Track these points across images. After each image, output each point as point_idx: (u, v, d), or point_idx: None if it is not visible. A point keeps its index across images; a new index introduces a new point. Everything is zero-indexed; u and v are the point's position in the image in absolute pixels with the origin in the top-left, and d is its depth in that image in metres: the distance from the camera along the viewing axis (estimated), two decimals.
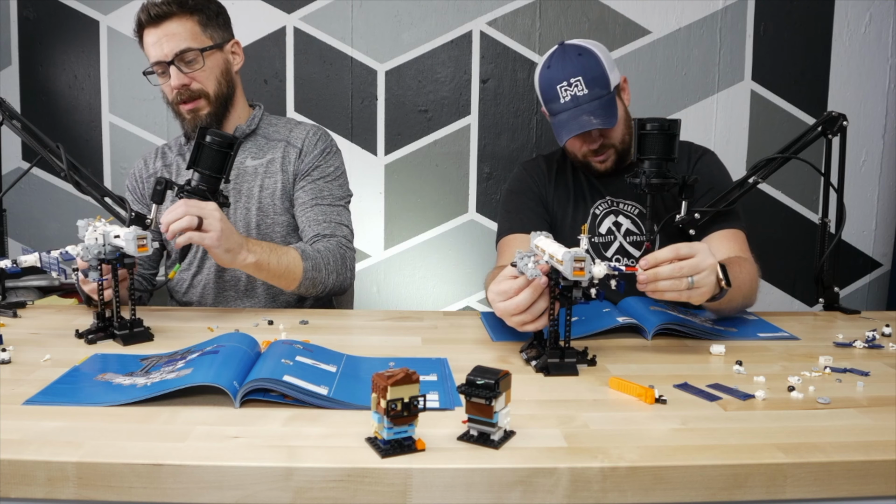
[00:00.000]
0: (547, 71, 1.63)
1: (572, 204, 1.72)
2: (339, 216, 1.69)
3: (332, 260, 1.59)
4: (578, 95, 1.58)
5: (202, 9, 1.62)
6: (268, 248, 1.49)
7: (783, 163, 1.55)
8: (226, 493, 0.78)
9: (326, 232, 1.64)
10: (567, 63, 1.60)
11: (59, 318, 1.44)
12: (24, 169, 1.54)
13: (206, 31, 1.62)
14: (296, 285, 1.55)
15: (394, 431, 0.80)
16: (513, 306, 1.13)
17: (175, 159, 1.74)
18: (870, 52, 2.56)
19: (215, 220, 1.35)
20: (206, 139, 1.44)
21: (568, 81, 1.58)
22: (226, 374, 0.98)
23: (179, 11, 1.58)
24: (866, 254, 2.68)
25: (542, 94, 1.64)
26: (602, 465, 0.79)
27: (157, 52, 1.58)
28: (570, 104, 1.58)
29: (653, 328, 1.31)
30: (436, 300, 2.64)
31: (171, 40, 1.57)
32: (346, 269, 1.64)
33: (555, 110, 1.61)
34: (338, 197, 1.71)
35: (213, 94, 1.63)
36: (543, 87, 1.63)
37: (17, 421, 0.88)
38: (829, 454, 0.83)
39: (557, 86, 1.59)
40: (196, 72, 1.60)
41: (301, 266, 1.53)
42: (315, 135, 1.73)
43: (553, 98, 1.60)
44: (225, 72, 1.66)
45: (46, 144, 1.47)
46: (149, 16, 1.57)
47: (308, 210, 1.67)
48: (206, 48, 1.61)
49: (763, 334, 1.36)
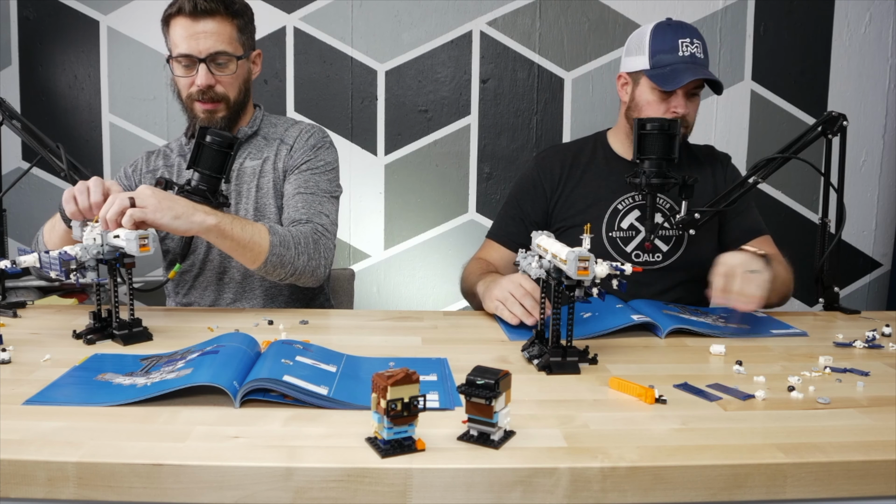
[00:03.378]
0: (667, 26, 1.64)
1: (589, 199, 1.71)
2: (320, 205, 1.64)
3: (303, 241, 1.53)
4: (697, 56, 1.62)
5: (242, 14, 1.62)
6: (231, 216, 1.43)
7: (783, 163, 1.55)
8: (226, 493, 0.78)
9: (303, 218, 1.60)
10: (690, 28, 1.64)
11: (59, 318, 1.44)
12: (24, 169, 1.54)
13: (241, 38, 1.62)
14: (262, 260, 1.47)
15: (394, 431, 0.80)
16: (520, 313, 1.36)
17: (176, 160, 1.74)
18: (870, 52, 2.56)
19: (146, 195, 1.30)
20: (207, 139, 1.44)
21: (691, 40, 1.61)
22: (226, 374, 0.98)
23: (224, 12, 1.57)
24: (866, 254, 2.68)
25: (652, 45, 1.63)
26: (602, 465, 0.79)
27: (190, 45, 1.56)
28: (688, 59, 1.60)
29: (668, 328, 1.32)
30: (436, 300, 2.64)
31: (208, 38, 1.56)
32: (318, 254, 1.56)
33: (668, 62, 1.61)
34: (324, 189, 1.67)
35: (233, 100, 1.63)
36: (659, 37, 1.63)
37: (17, 421, 0.88)
38: (829, 454, 0.83)
39: (680, 40, 1.61)
40: (225, 76, 1.60)
41: (268, 240, 1.46)
42: (308, 132, 1.72)
43: (671, 49, 1.61)
44: (246, 80, 1.67)
45: (46, 144, 1.47)
46: (194, 7, 1.54)
47: (291, 200, 1.64)
48: (240, 56, 1.61)
49: (776, 331, 1.39)
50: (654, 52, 1.62)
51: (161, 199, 1.31)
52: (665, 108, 1.63)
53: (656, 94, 1.62)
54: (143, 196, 1.30)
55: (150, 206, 1.29)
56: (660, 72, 1.61)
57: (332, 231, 1.64)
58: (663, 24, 1.65)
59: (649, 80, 1.62)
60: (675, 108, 1.62)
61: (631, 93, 1.69)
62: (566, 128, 2.57)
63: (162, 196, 1.32)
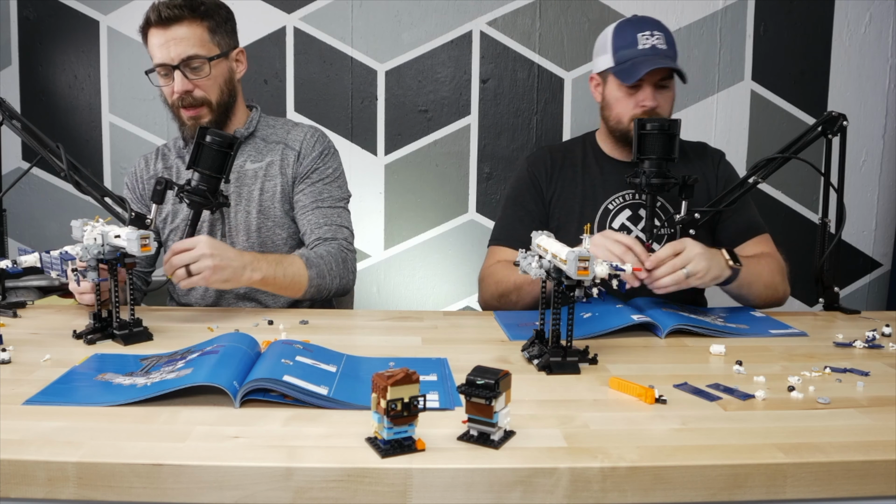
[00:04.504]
0: (627, 23, 1.65)
1: (580, 199, 1.71)
2: (339, 218, 1.69)
3: (334, 265, 1.60)
4: (658, 47, 1.61)
5: (212, 15, 1.61)
6: (273, 262, 1.50)
7: (783, 163, 1.55)
8: (226, 493, 0.78)
9: (328, 235, 1.65)
10: (650, 21, 1.65)
11: (59, 318, 1.44)
12: (24, 169, 1.54)
13: (214, 39, 1.61)
14: (301, 293, 1.56)
15: (394, 431, 0.80)
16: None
17: (175, 161, 1.74)
18: (870, 52, 2.56)
19: (203, 264, 1.38)
20: (206, 139, 1.44)
21: (651, 32, 1.62)
22: (226, 374, 0.98)
23: (190, 16, 1.57)
24: (866, 254, 2.68)
25: (614, 42, 1.64)
26: (602, 465, 0.79)
27: (163, 54, 1.57)
28: (648, 51, 1.61)
29: (667, 328, 1.32)
30: (436, 300, 2.64)
31: (178, 45, 1.56)
32: (347, 271, 1.64)
33: (629, 56, 1.61)
34: (337, 198, 1.71)
35: (215, 102, 1.63)
36: (620, 33, 1.64)
37: (17, 421, 0.88)
38: (829, 454, 0.83)
39: (639, 33, 1.61)
40: (201, 79, 1.60)
41: (306, 275, 1.54)
42: (312, 136, 1.73)
43: (631, 43, 1.61)
44: (228, 80, 1.66)
45: (46, 144, 1.47)
46: (158, 16, 1.55)
47: (309, 213, 1.67)
48: (213, 57, 1.60)
49: (774, 331, 1.38)
50: (616, 49, 1.63)
51: (214, 268, 1.38)
52: (633, 103, 1.63)
53: (623, 89, 1.63)
54: (199, 265, 1.38)
55: (204, 276, 1.38)
56: (622, 67, 1.62)
57: (352, 242, 1.70)
58: (625, 21, 1.67)
59: (614, 77, 1.63)
60: (642, 101, 1.62)
61: (602, 92, 1.70)
62: (566, 128, 2.57)
63: (216, 262, 1.38)
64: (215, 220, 1.67)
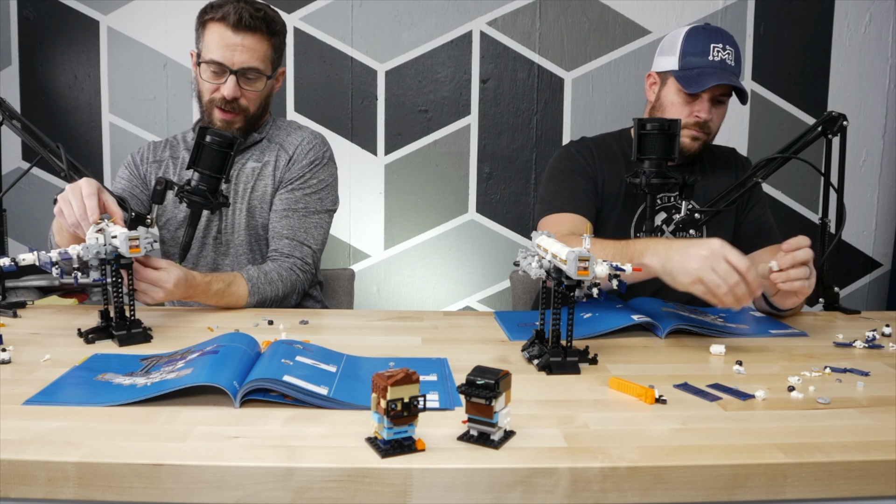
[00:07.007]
0: (702, 29, 1.64)
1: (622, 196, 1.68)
2: (305, 233, 1.67)
3: (281, 289, 1.59)
4: (727, 63, 1.60)
5: (280, 35, 1.64)
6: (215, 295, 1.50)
7: (783, 163, 1.55)
8: (226, 493, 0.78)
9: (286, 251, 1.64)
10: (725, 35, 1.63)
11: (59, 318, 1.44)
12: (24, 169, 1.54)
13: (273, 57, 1.64)
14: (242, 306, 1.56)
15: (394, 431, 0.80)
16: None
17: (182, 153, 1.74)
18: (870, 52, 2.56)
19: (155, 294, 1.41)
20: (207, 139, 1.44)
21: (724, 46, 1.60)
22: (226, 374, 0.98)
23: (265, 31, 1.59)
24: (866, 254, 2.68)
25: (683, 46, 1.62)
26: (602, 465, 0.79)
27: (225, 55, 1.57)
28: (717, 65, 1.59)
29: (667, 328, 1.32)
30: (436, 300, 2.64)
31: (244, 53, 1.57)
32: (293, 289, 1.63)
33: (697, 64, 1.60)
34: (314, 210, 1.69)
35: (252, 113, 1.65)
36: (691, 39, 1.62)
37: (17, 421, 0.88)
38: (829, 454, 0.83)
39: (712, 44, 1.60)
40: (251, 91, 1.62)
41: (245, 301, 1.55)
42: (309, 143, 1.72)
43: (702, 52, 1.60)
44: (268, 97, 1.69)
45: (46, 144, 1.47)
46: (238, 19, 1.55)
47: (278, 220, 1.67)
48: (270, 75, 1.63)
49: (774, 331, 1.38)
50: (684, 54, 1.61)
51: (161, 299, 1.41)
52: (689, 112, 1.62)
53: (681, 95, 1.61)
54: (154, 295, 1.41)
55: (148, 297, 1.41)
56: (687, 73, 1.60)
57: (312, 260, 1.68)
58: (699, 28, 1.65)
59: (676, 82, 1.62)
60: (698, 112, 1.61)
61: (658, 92, 1.69)
62: (566, 128, 2.57)
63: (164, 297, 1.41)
64: (212, 217, 1.68)
